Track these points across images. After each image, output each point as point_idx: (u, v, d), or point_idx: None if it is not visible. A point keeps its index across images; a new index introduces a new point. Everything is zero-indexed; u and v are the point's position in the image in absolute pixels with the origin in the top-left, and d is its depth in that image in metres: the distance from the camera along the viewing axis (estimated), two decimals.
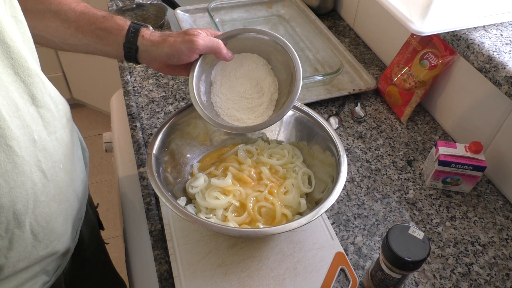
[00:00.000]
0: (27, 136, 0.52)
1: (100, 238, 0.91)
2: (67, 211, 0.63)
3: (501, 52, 0.71)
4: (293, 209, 0.70)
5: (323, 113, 0.95)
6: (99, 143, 2.18)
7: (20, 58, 0.50)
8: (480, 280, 0.68)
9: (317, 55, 1.08)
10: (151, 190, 0.78)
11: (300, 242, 0.70)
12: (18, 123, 0.50)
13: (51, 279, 0.65)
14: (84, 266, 0.80)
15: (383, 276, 0.60)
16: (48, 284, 0.64)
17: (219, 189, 0.70)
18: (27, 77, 0.52)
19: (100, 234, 0.91)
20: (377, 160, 0.86)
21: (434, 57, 0.87)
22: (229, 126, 0.68)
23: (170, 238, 0.69)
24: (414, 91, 0.90)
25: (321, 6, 1.24)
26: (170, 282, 0.65)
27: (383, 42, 1.09)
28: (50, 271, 0.64)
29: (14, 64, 0.50)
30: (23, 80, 0.51)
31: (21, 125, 0.51)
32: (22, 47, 0.51)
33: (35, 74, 0.53)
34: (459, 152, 0.76)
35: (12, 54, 0.49)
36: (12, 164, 0.50)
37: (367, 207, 0.77)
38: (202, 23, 1.17)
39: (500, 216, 0.77)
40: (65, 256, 0.66)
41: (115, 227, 1.72)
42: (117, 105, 1.13)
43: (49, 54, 2.02)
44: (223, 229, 0.59)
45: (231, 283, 0.64)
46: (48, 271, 0.63)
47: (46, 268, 0.62)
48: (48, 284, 0.64)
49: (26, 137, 0.52)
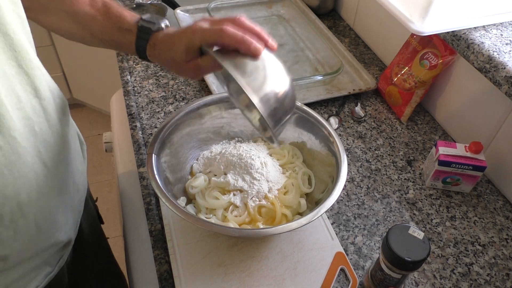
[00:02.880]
0: (29, 128, 0.53)
1: (100, 232, 0.91)
2: (68, 202, 0.64)
3: (501, 52, 0.71)
4: (293, 209, 0.70)
5: (323, 113, 0.95)
6: (99, 143, 2.17)
7: (22, 50, 0.51)
8: (480, 280, 0.68)
9: (317, 55, 1.08)
10: (151, 190, 0.78)
11: (300, 242, 0.70)
12: (20, 114, 0.51)
13: (54, 270, 0.66)
14: (85, 258, 0.81)
15: (383, 276, 0.60)
16: (51, 274, 0.65)
17: (219, 189, 0.70)
18: (31, 70, 0.53)
19: (100, 227, 0.92)
20: (377, 160, 0.86)
21: (434, 57, 0.87)
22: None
23: (170, 238, 0.69)
24: (414, 91, 0.90)
25: (321, 6, 1.24)
26: (170, 282, 0.65)
27: (383, 42, 1.09)
28: (53, 262, 0.65)
29: (17, 56, 0.50)
30: (26, 73, 0.52)
31: (23, 116, 0.52)
32: (24, 40, 0.52)
33: (37, 67, 0.54)
34: (459, 152, 0.76)
35: (15, 46, 0.50)
36: (16, 155, 0.50)
37: (367, 207, 0.77)
38: None
39: (500, 216, 0.77)
40: (66, 247, 0.68)
41: (115, 227, 1.72)
42: (117, 105, 1.13)
43: (49, 54, 2.02)
44: (223, 229, 0.59)
45: (231, 283, 0.64)
46: (51, 262, 0.64)
47: (49, 259, 0.64)
48: (51, 274, 0.65)
49: (28, 128, 0.53)
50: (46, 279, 0.64)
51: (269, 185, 0.70)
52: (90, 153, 2.13)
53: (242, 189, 0.69)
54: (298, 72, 1.03)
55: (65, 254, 0.68)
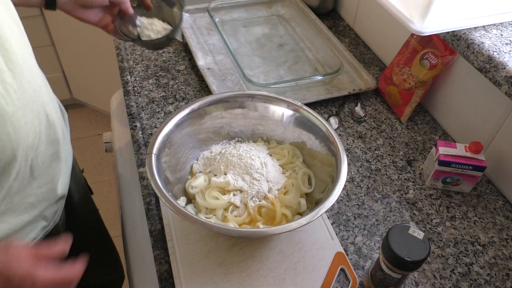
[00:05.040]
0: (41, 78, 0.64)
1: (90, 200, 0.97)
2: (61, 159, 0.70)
3: (501, 52, 0.71)
4: (293, 209, 0.70)
5: (323, 113, 0.95)
6: (99, 143, 2.17)
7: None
8: (480, 280, 0.68)
9: (317, 55, 1.08)
10: (151, 190, 0.78)
11: (300, 242, 0.70)
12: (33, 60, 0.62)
13: (50, 224, 0.72)
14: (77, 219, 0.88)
15: (383, 276, 0.60)
16: (47, 228, 0.71)
17: (219, 189, 0.70)
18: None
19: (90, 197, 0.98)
20: (377, 160, 0.86)
21: (434, 57, 0.87)
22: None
23: (170, 238, 0.69)
24: (414, 91, 0.90)
25: (321, 6, 1.24)
26: (170, 282, 0.65)
27: (383, 42, 1.09)
28: (48, 216, 0.71)
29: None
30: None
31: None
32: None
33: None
34: (459, 152, 0.76)
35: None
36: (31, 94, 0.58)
37: (367, 207, 0.77)
38: (202, 23, 1.17)
39: (500, 216, 0.77)
40: (59, 201, 0.73)
41: (115, 227, 1.72)
42: (117, 105, 1.13)
43: (49, 54, 2.01)
44: (223, 229, 0.59)
45: (231, 283, 0.64)
46: (46, 216, 0.70)
47: (44, 213, 0.69)
48: (47, 228, 0.71)
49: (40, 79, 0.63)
50: (43, 232, 0.70)
51: (269, 185, 0.70)
52: (90, 153, 2.13)
53: (242, 189, 0.69)
54: (298, 72, 1.03)
55: (59, 209, 0.74)
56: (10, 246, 0.52)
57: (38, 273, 0.50)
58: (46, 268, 0.51)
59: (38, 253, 0.52)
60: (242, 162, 0.71)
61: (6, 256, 0.50)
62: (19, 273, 0.50)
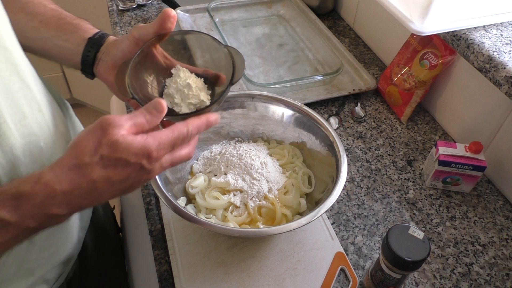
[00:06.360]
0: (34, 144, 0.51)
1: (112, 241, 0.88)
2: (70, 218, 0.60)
3: (501, 52, 0.71)
4: (293, 209, 0.70)
5: (323, 113, 0.95)
6: None
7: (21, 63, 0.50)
8: (480, 280, 0.68)
9: (317, 55, 1.08)
10: (151, 190, 0.78)
11: (300, 242, 0.70)
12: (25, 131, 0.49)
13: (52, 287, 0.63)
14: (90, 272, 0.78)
15: (383, 276, 0.60)
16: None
17: (219, 189, 0.70)
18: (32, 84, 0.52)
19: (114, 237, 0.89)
20: (377, 160, 0.86)
21: (434, 57, 0.87)
22: None
23: (170, 238, 0.69)
24: (414, 91, 0.90)
25: (321, 6, 1.24)
26: (170, 282, 0.65)
27: (383, 42, 1.09)
28: (51, 280, 0.62)
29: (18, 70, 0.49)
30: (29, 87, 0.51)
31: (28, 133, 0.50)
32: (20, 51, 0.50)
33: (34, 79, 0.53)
34: (459, 152, 0.76)
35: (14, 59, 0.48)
36: (17, 173, 0.48)
37: (367, 207, 0.77)
38: (202, 23, 1.17)
39: (500, 216, 0.77)
40: (67, 264, 0.65)
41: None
42: (117, 105, 1.13)
43: None
44: (223, 229, 0.59)
45: (231, 283, 0.64)
46: (48, 280, 0.61)
47: (46, 277, 0.60)
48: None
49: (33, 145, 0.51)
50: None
51: (269, 185, 0.70)
52: None
53: (242, 189, 0.69)
54: (298, 72, 1.03)
55: (66, 271, 0.65)
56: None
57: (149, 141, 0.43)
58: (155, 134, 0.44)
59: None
60: (242, 162, 0.71)
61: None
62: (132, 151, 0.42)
